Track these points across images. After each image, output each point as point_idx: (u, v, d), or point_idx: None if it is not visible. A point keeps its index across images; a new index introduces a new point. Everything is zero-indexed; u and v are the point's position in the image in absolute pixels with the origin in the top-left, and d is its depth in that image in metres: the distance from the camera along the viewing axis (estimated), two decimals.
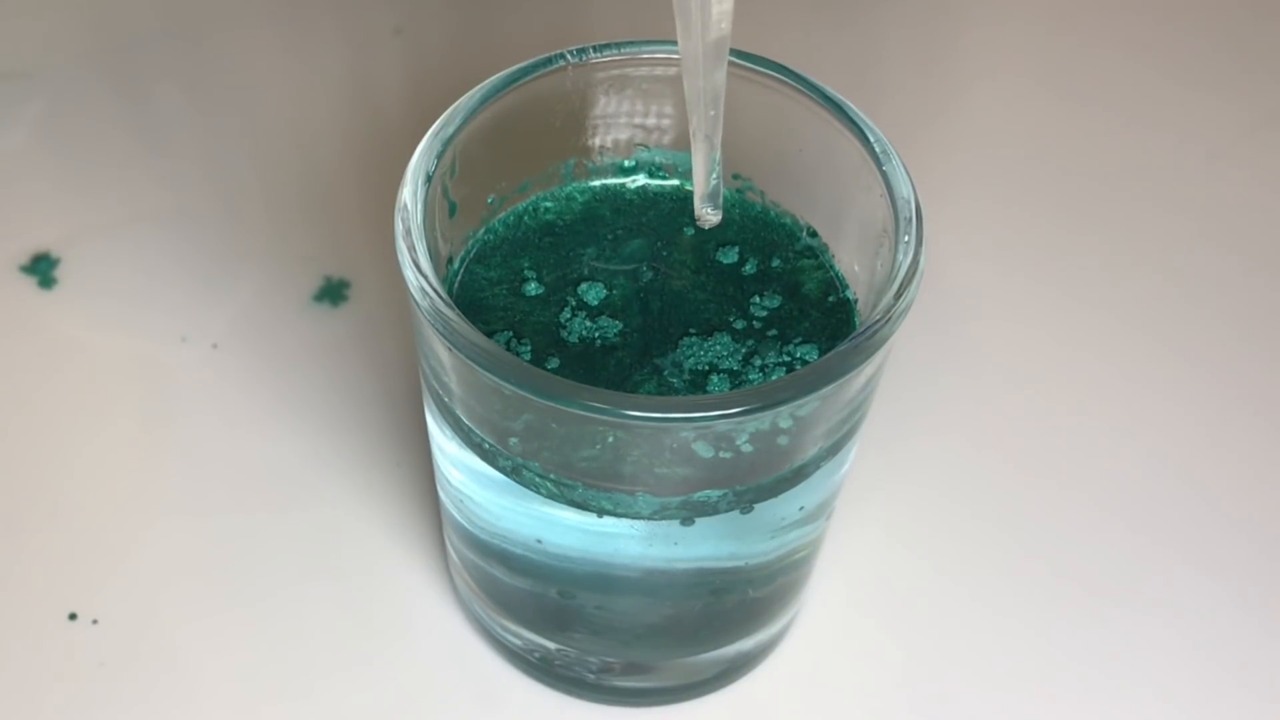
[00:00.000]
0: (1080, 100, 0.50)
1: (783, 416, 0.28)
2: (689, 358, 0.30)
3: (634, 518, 0.29)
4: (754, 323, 0.31)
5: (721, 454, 0.28)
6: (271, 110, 0.49)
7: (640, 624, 0.34)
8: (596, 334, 0.31)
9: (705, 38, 0.28)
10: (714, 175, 0.31)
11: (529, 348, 0.30)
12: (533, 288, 0.32)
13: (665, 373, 0.30)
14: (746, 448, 0.28)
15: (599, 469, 0.28)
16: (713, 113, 0.30)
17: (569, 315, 0.31)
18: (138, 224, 0.45)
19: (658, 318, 0.31)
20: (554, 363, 0.30)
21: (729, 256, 0.32)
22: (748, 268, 0.32)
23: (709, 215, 0.32)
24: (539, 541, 0.30)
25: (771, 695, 0.37)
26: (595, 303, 0.31)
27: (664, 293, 0.32)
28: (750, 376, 0.30)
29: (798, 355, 0.30)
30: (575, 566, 0.32)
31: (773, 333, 0.31)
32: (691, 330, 0.31)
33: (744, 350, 0.30)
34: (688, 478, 0.28)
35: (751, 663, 0.37)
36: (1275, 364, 0.43)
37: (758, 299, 0.31)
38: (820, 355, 0.31)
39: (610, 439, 0.27)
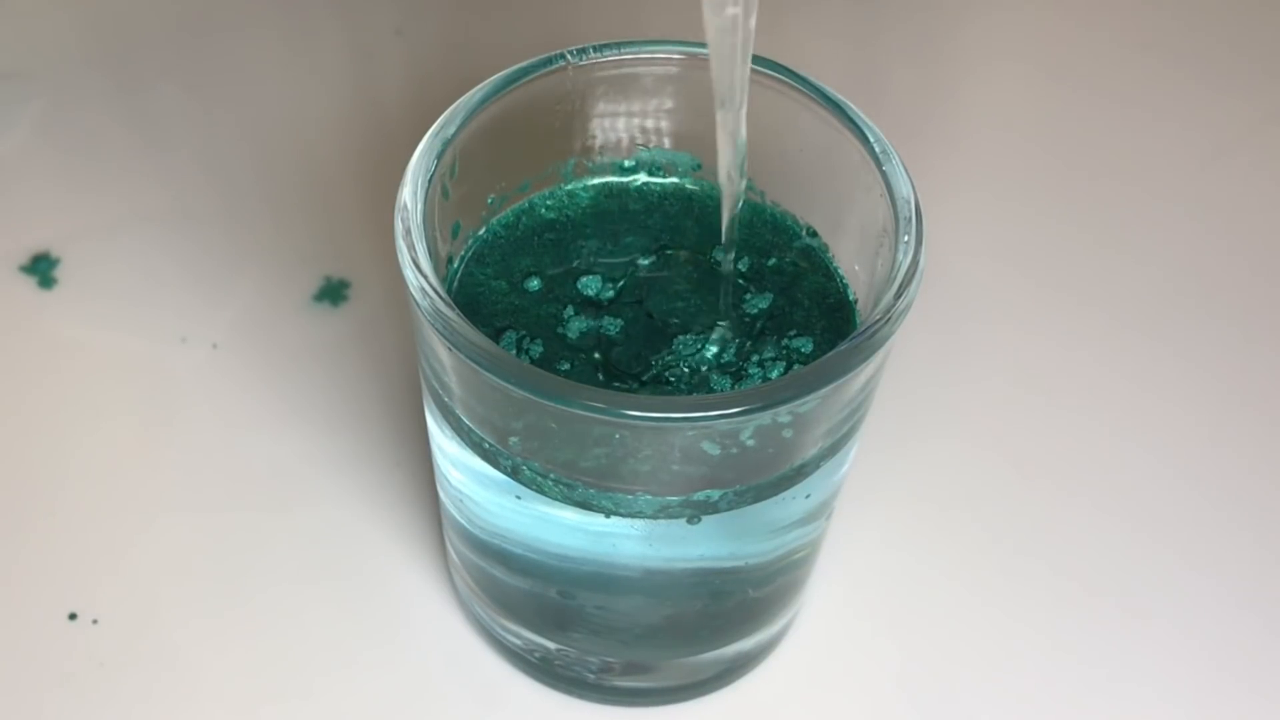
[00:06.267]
0: (1082, 99, 0.50)
1: (783, 416, 0.28)
2: (688, 355, 0.30)
3: (634, 517, 0.29)
4: (753, 321, 0.31)
5: (722, 454, 0.28)
6: (271, 110, 0.49)
7: (640, 624, 0.34)
8: (598, 330, 0.31)
9: (742, 41, 0.28)
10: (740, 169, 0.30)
11: (540, 346, 0.30)
12: (533, 285, 0.32)
13: (665, 371, 0.30)
14: (747, 447, 0.28)
15: (599, 468, 0.28)
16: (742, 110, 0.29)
17: (570, 314, 0.31)
18: (138, 224, 0.45)
19: (657, 316, 0.31)
20: (556, 361, 0.30)
21: (746, 264, 0.32)
22: (748, 268, 0.32)
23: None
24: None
25: (771, 695, 0.37)
26: (595, 301, 0.31)
27: (664, 291, 0.32)
28: (750, 371, 0.30)
29: (794, 346, 0.30)
30: (575, 566, 0.32)
31: (771, 331, 0.31)
32: (689, 327, 0.31)
33: (742, 348, 0.31)
34: (688, 477, 0.28)
35: (751, 663, 0.37)
36: (1275, 364, 0.43)
37: (757, 298, 0.31)
38: (816, 347, 0.31)
39: (610, 438, 0.27)
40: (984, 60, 0.52)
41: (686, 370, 0.30)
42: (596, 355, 0.30)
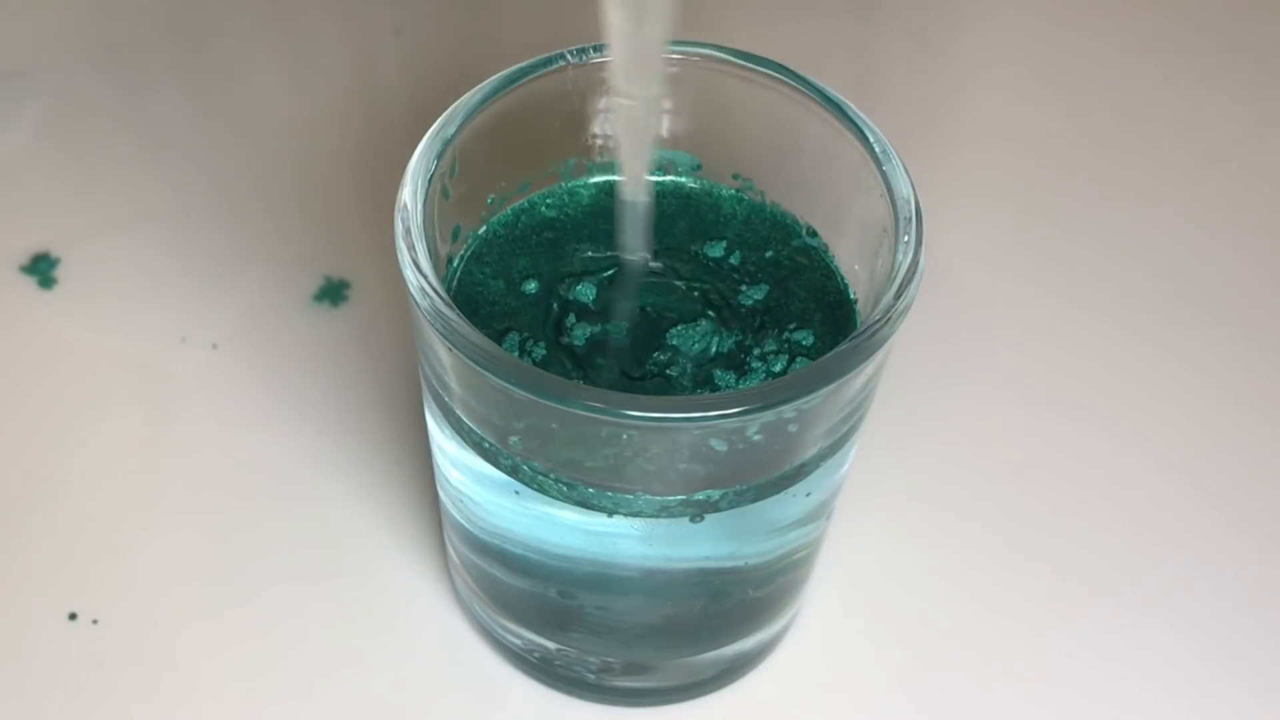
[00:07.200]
0: (1081, 100, 0.50)
1: (783, 416, 0.28)
2: (690, 352, 0.30)
3: (634, 517, 0.29)
4: (753, 318, 0.31)
5: (722, 454, 0.28)
6: (271, 110, 0.49)
7: (640, 624, 0.34)
8: (598, 331, 0.31)
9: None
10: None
11: (543, 349, 0.30)
12: (532, 286, 0.32)
13: (668, 369, 0.30)
14: (747, 447, 0.28)
15: (599, 468, 0.28)
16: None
17: (572, 315, 0.31)
18: (138, 224, 0.45)
19: (659, 314, 0.31)
20: (559, 362, 0.30)
21: (729, 254, 0.32)
22: (748, 266, 0.32)
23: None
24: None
25: (771, 695, 0.37)
26: (597, 300, 0.31)
27: (665, 289, 0.32)
28: (753, 365, 0.30)
29: (795, 340, 0.31)
30: (575, 566, 0.32)
31: (771, 325, 0.31)
32: (691, 325, 0.31)
33: (743, 342, 0.31)
34: (688, 477, 0.28)
35: (751, 663, 0.37)
36: (1275, 364, 0.43)
37: (757, 296, 0.32)
38: (817, 339, 0.31)
39: (609, 438, 0.27)
40: (983, 62, 0.52)
41: (688, 367, 0.30)
42: (600, 360, 0.30)
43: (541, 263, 0.32)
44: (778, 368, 0.30)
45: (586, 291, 0.31)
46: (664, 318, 0.31)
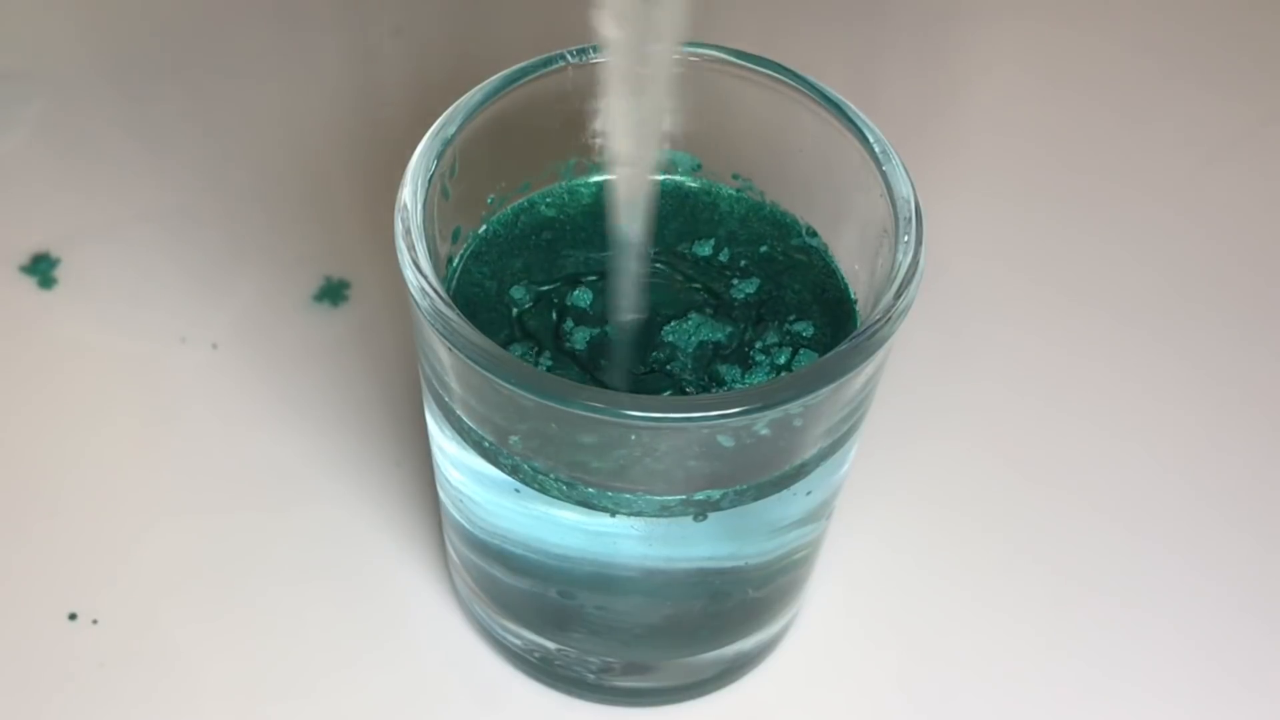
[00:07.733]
0: (1081, 100, 0.50)
1: (786, 414, 0.28)
2: (693, 350, 0.30)
3: (635, 517, 0.29)
4: (749, 311, 0.31)
5: (724, 453, 0.28)
6: (271, 110, 0.49)
7: (640, 624, 0.34)
8: (599, 331, 0.31)
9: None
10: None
11: (549, 359, 0.30)
12: (533, 290, 0.32)
13: (671, 366, 0.30)
14: (748, 446, 0.28)
15: (599, 468, 0.28)
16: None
17: (572, 316, 0.31)
18: (138, 224, 0.45)
19: (660, 313, 0.31)
20: (560, 363, 0.30)
21: (728, 254, 0.32)
22: (747, 265, 0.32)
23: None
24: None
25: (771, 695, 0.37)
26: (596, 300, 0.31)
27: (666, 289, 0.32)
28: (757, 359, 0.30)
29: (796, 331, 0.31)
30: (575, 566, 0.32)
31: (771, 317, 0.31)
32: (692, 322, 0.31)
33: (745, 337, 0.31)
34: (688, 477, 0.28)
35: (751, 663, 0.37)
36: (1275, 364, 0.43)
37: (749, 290, 0.32)
38: (817, 331, 0.31)
39: (611, 438, 0.27)
40: (983, 61, 0.52)
41: (692, 363, 0.30)
42: (601, 352, 0.30)
43: (543, 263, 0.32)
44: (782, 360, 0.30)
45: (586, 295, 0.31)
46: (659, 315, 0.31)
